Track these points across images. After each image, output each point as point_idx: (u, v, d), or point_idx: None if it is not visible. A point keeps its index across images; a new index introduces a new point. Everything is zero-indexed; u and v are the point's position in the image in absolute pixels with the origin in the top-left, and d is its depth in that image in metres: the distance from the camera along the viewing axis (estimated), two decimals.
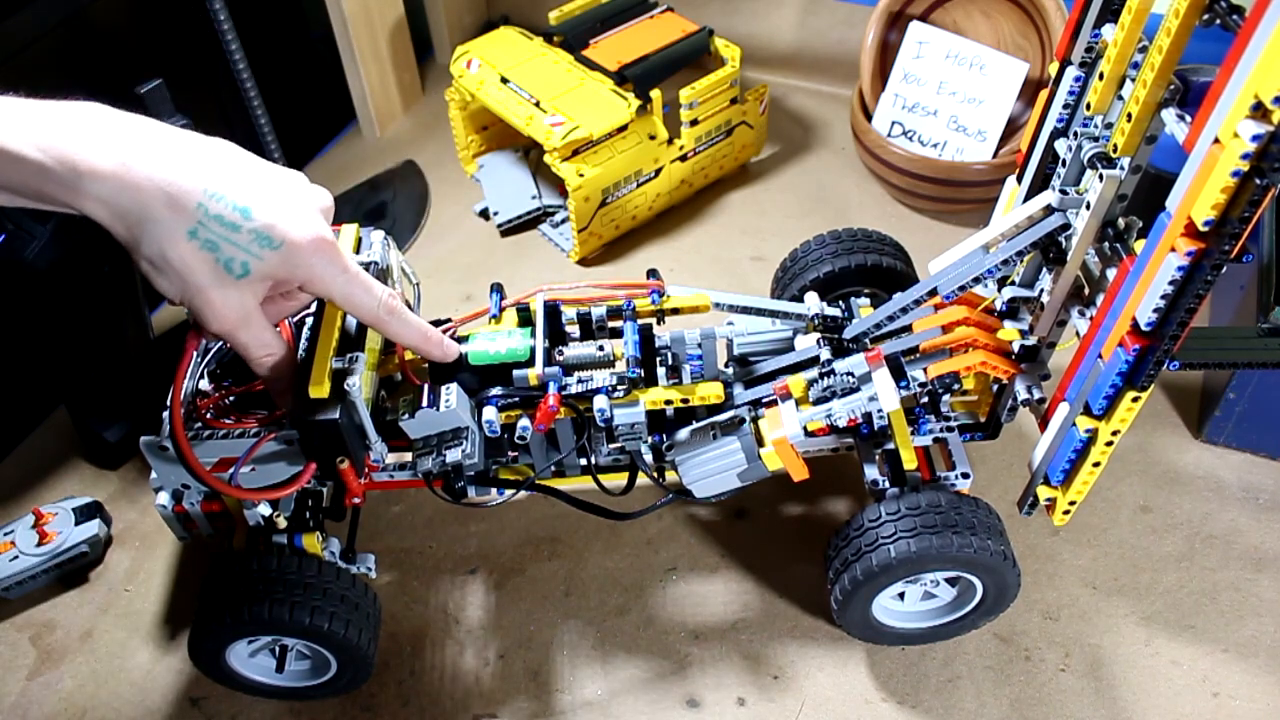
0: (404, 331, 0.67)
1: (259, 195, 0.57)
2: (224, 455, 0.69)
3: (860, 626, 0.81)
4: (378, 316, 0.64)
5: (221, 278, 0.57)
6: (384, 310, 0.64)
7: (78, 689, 0.85)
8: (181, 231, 0.54)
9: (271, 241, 0.57)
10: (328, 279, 0.60)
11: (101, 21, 1.15)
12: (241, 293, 0.58)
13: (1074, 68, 0.68)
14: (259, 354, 0.63)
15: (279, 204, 0.58)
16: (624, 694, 0.83)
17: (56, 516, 0.92)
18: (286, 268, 0.58)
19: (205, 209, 0.55)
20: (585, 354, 0.76)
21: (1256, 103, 0.47)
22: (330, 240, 0.60)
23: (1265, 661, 0.83)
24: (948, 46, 1.21)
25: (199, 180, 0.55)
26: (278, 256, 0.57)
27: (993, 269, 0.71)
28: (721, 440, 0.77)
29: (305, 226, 0.58)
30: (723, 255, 1.23)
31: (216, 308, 0.58)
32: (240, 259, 0.56)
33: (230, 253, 0.56)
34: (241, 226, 0.56)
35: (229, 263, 0.56)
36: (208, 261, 0.56)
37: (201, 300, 0.57)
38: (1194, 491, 0.95)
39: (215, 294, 0.57)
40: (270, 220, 0.57)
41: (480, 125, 1.33)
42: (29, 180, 0.52)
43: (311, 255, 0.59)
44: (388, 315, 0.65)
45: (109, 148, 0.53)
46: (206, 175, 0.55)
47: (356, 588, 0.77)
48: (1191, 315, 0.58)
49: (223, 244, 0.56)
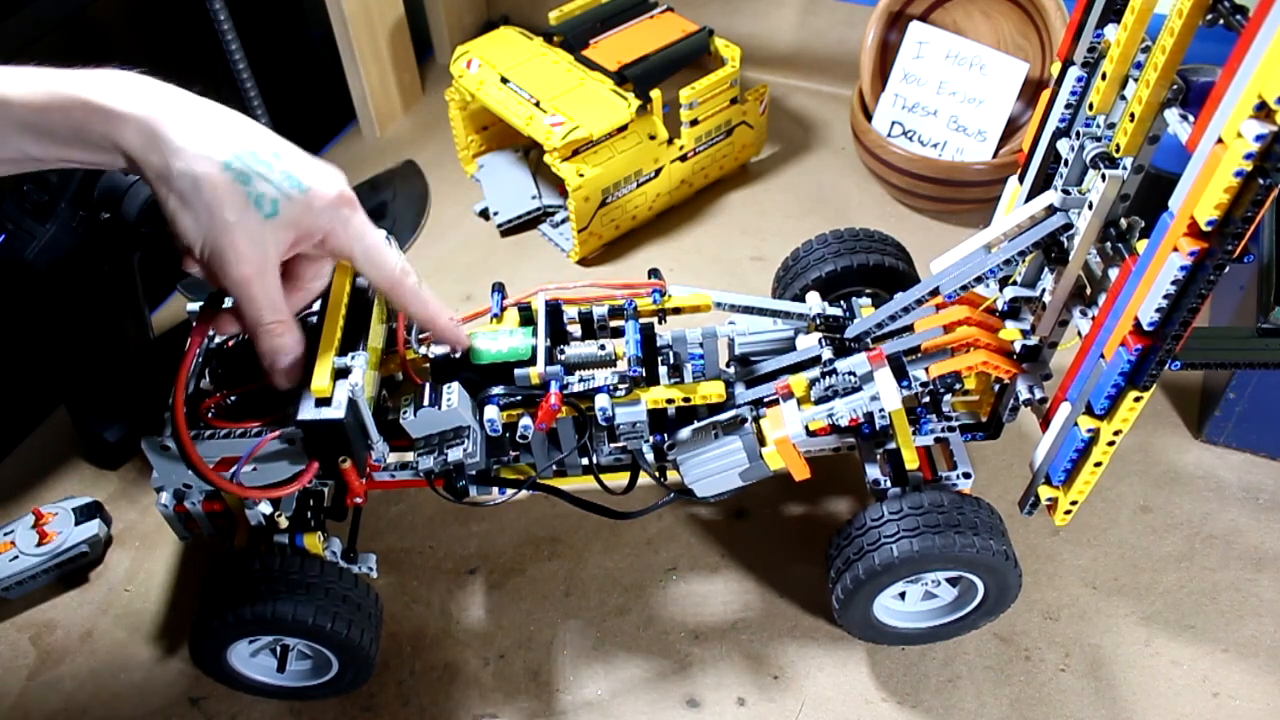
0: (418, 302, 0.68)
1: (287, 149, 0.59)
2: (226, 455, 0.68)
3: (861, 626, 0.81)
4: (395, 279, 0.65)
5: (250, 214, 0.57)
6: (401, 273, 0.65)
7: (78, 689, 0.85)
8: (217, 157, 0.55)
9: (301, 184, 0.58)
10: (350, 233, 0.62)
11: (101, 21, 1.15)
12: (266, 236, 0.58)
13: (1076, 68, 0.68)
14: (270, 317, 0.62)
15: (307, 161, 0.60)
16: (624, 694, 0.83)
17: (56, 516, 0.92)
18: (311, 216, 0.59)
19: (242, 144, 0.56)
20: (587, 353, 0.76)
21: (1260, 103, 0.47)
22: (354, 198, 0.61)
23: (1265, 661, 0.83)
24: (948, 46, 1.21)
25: (234, 127, 0.57)
26: (305, 201, 0.58)
27: (995, 269, 0.71)
28: (723, 439, 0.77)
29: (331, 182, 0.60)
30: (723, 255, 1.23)
31: (241, 248, 0.57)
32: (271, 196, 0.57)
33: (261, 188, 0.57)
34: (274, 165, 0.57)
35: (259, 199, 0.57)
36: (239, 193, 0.56)
37: (227, 239, 0.57)
38: (1194, 491, 0.95)
39: (241, 232, 0.57)
40: (299, 168, 0.58)
41: (480, 125, 1.33)
42: (71, 115, 0.54)
43: (337, 207, 0.60)
44: (404, 278, 0.65)
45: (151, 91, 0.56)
46: (240, 125, 0.58)
47: (358, 588, 0.77)
48: (1194, 315, 0.58)
49: (255, 178, 0.56)
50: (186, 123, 0.56)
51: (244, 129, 0.58)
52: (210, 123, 0.57)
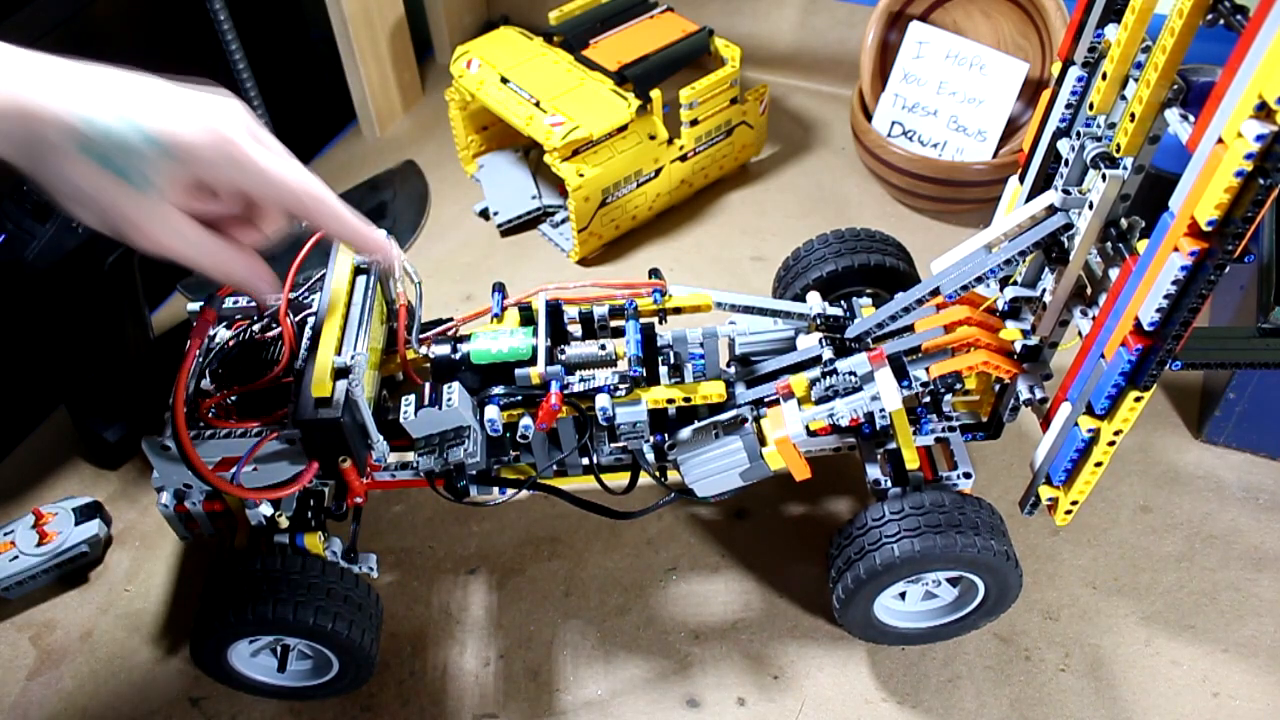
0: (332, 223, 0.63)
1: (146, 105, 0.55)
2: (226, 455, 0.68)
3: (861, 626, 0.81)
4: (302, 205, 0.60)
5: (128, 192, 0.54)
6: (308, 199, 0.60)
7: (78, 689, 0.85)
8: (73, 149, 0.53)
9: (162, 147, 0.54)
10: (235, 176, 0.57)
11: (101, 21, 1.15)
12: (157, 205, 0.55)
13: (1077, 68, 0.68)
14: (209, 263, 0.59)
15: (168, 110, 0.55)
16: (624, 694, 0.83)
17: (56, 516, 0.92)
18: (187, 170, 0.56)
19: (91, 123, 0.53)
20: (587, 353, 0.76)
21: (1260, 103, 0.47)
22: (227, 136, 0.56)
23: (1265, 661, 0.83)
24: (948, 46, 1.22)
25: (84, 98, 0.53)
26: (174, 162, 0.55)
27: (995, 269, 0.71)
28: (724, 439, 0.77)
29: (197, 125, 0.55)
30: (723, 255, 1.23)
31: (139, 224, 0.55)
32: (137, 168, 0.54)
33: (123, 162, 0.54)
34: (129, 137, 0.54)
35: (126, 173, 0.54)
36: (108, 177, 0.54)
37: (121, 220, 0.55)
38: (1194, 491, 0.95)
39: (131, 209, 0.55)
40: (159, 126, 0.54)
41: (480, 125, 1.33)
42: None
43: (209, 153, 0.56)
44: (313, 203, 0.61)
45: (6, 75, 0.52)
46: (91, 93, 0.53)
47: (359, 588, 0.77)
48: (1194, 315, 0.58)
49: (115, 156, 0.53)
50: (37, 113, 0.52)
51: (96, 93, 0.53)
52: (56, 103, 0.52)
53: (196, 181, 0.57)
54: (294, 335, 0.73)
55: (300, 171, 0.60)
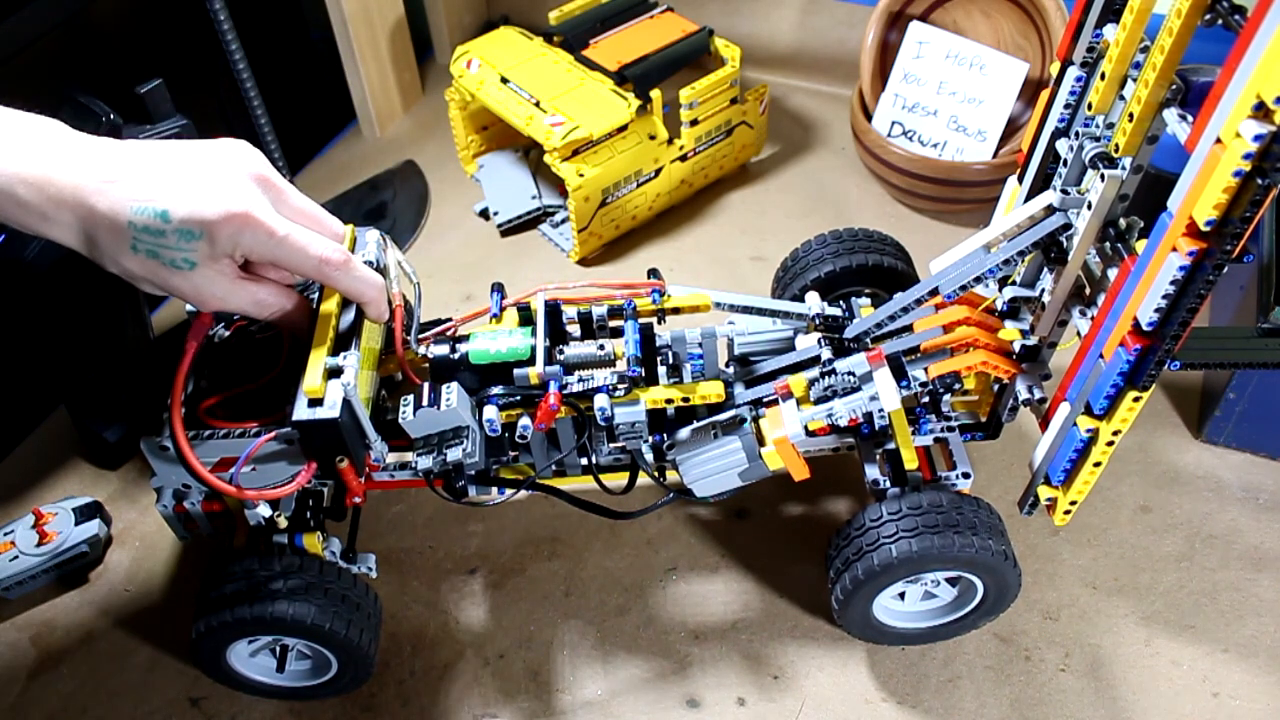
0: (352, 286, 0.69)
1: (173, 193, 0.60)
2: (224, 455, 0.69)
3: (861, 626, 0.81)
4: (320, 272, 0.66)
5: (177, 275, 0.62)
6: (324, 266, 0.66)
7: (78, 689, 0.85)
8: (125, 249, 0.60)
9: (193, 233, 0.60)
10: (257, 248, 0.63)
11: (101, 21, 1.15)
12: (204, 278, 0.63)
13: (1075, 68, 0.68)
14: (264, 314, 0.68)
15: (190, 193, 0.60)
16: (624, 694, 0.83)
17: (56, 516, 0.92)
18: (217, 250, 0.62)
19: (134, 224, 0.59)
20: (586, 353, 0.76)
21: (1258, 103, 0.47)
22: (242, 211, 0.61)
23: (1265, 661, 0.83)
24: (948, 46, 1.21)
25: (124, 198, 0.59)
26: (205, 244, 0.61)
27: (994, 269, 0.71)
28: (722, 439, 0.77)
29: (216, 205, 0.61)
30: (723, 255, 1.23)
31: (193, 295, 0.64)
32: (180, 257, 0.61)
33: (169, 255, 0.61)
34: (165, 231, 0.60)
35: (173, 262, 0.61)
36: (157, 267, 0.61)
37: (179, 292, 0.63)
38: (1194, 491, 0.95)
39: (185, 285, 0.63)
40: (185, 214, 0.60)
41: (480, 125, 1.33)
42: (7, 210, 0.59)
43: (229, 230, 0.61)
44: (331, 270, 0.66)
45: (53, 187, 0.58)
46: (128, 190, 0.59)
47: (357, 588, 0.77)
48: (1193, 315, 0.58)
49: (161, 250, 0.60)
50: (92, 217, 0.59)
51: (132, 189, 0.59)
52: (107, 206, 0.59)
53: (232, 257, 0.64)
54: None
55: (315, 240, 0.66)
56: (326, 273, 0.66)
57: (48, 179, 0.58)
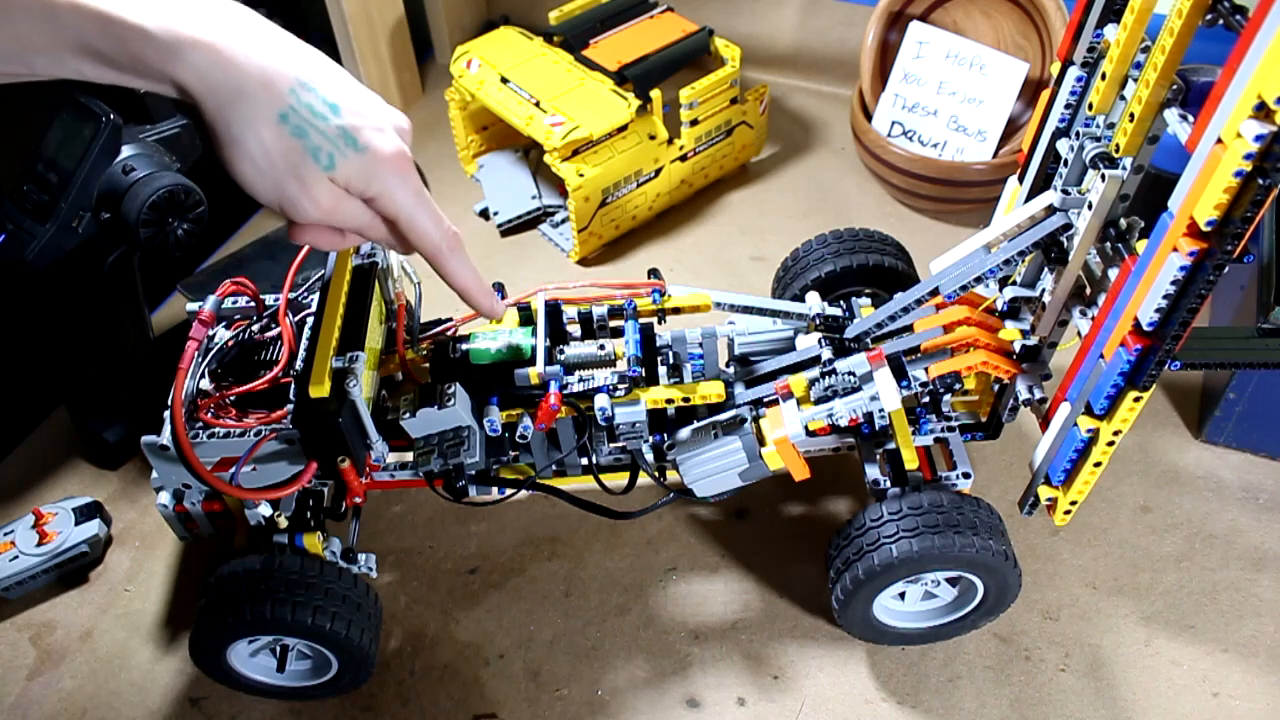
0: (460, 271, 0.66)
1: (347, 96, 0.57)
2: (225, 455, 0.69)
3: (861, 626, 0.81)
4: (439, 248, 0.63)
5: (309, 166, 0.56)
6: (446, 242, 0.63)
7: (78, 689, 0.85)
8: (273, 112, 0.54)
9: (356, 143, 0.57)
10: (400, 196, 0.60)
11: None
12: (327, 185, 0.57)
13: (1076, 68, 0.68)
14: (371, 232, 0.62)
15: (365, 111, 0.58)
16: (624, 694, 0.83)
17: (56, 516, 0.92)
18: (364, 175, 0.58)
19: (297, 95, 0.54)
20: (586, 353, 0.76)
21: (1259, 103, 0.47)
22: (408, 158, 0.59)
23: (1265, 661, 0.83)
24: (948, 46, 1.21)
25: (294, 67, 0.55)
26: (360, 160, 0.57)
27: (994, 269, 0.71)
28: (723, 439, 0.77)
29: (388, 139, 0.58)
30: (722, 255, 1.23)
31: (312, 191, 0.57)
32: (327, 150, 0.56)
33: (318, 141, 0.56)
34: (329, 119, 0.55)
35: (316, 152, 0.56)
36: (295, 148, 0.55)
37: (295, 189, 0.56)
38: (1194, 491, 0.95)
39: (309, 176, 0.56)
40: (357, 123, 0.57)
41: (480, 125, 1.33)
42: (129, 45, 0.51)
43: (390, 168, 0.58)
44: (449, 250, 0.63)
45: (212, 21, 0.53)
46: (301, 64, 0.55)
47: (358, 588, 0.77)
48: (1193, 315, 0.58)
49: (311, 132, 0.55)
50: (245, 63, 0.53)
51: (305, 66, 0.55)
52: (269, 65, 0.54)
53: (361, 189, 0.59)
54: (293, 335, 0.73)
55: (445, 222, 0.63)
56: (450, 248, 0.63)
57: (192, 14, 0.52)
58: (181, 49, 0.52)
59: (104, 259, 0.88)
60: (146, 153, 0.85)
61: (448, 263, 0.64)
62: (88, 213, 0.84)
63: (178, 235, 0.86)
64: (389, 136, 0.58)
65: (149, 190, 0.82)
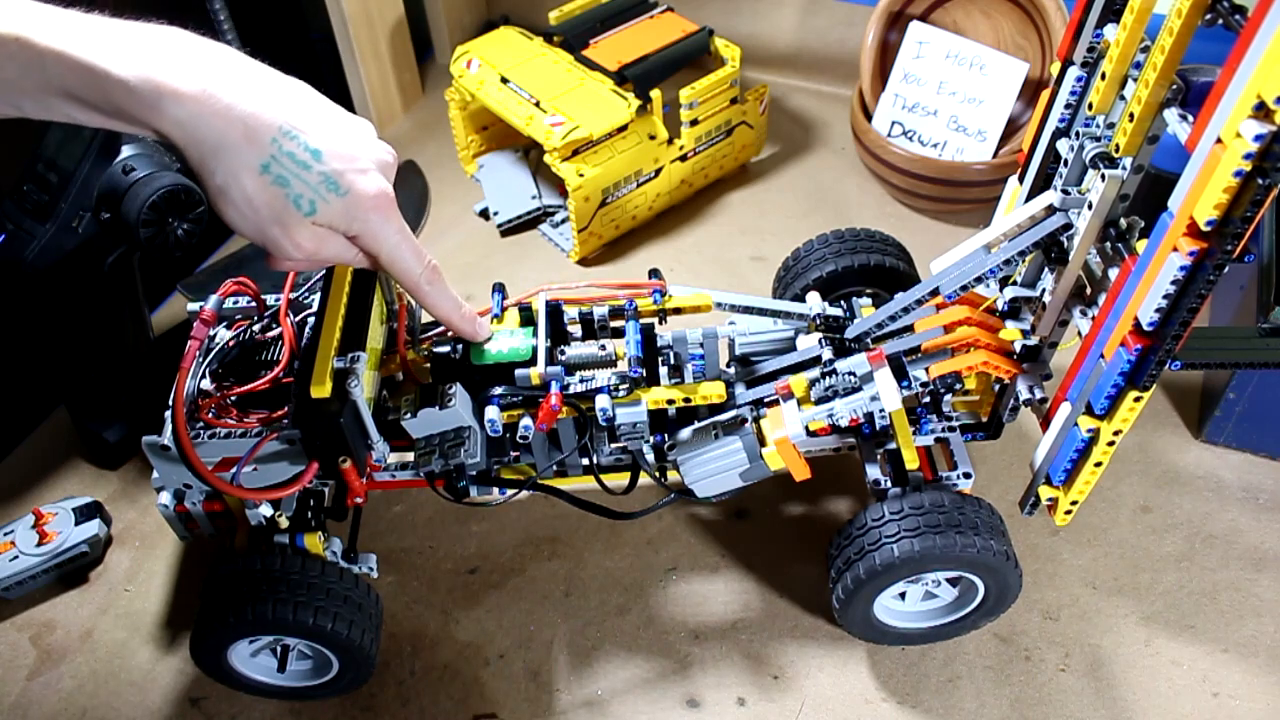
0: (441, 303, 0.68)
1: (330, 140, 0.58)
2: (226, 455, 0.69)
3: (861, 626, 0.81)
4: (418, 283, 0.65)
5: (291, 213, 0.57)
6: (426, 278, 0.65)
7: (78, 689, 0.85)
8: (255, 163, 0.55)
9: (339, 188, 0.58)
10: (381, 236, 0.62)
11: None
12: (305, 230, 0.59)
13: (1076, 68, 0.68)
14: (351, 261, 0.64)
15: (348, 152, 0.59)
16: (624, 694, 0.83)
17: (56, 516, 0.92)
18: (346, 218, 0.60)
19: (279, 145, 0.55)
20: (587, 353, 0.76)
21: (1259, 103, 0.47)
22: (390, 198, 0.61)
23: (1265, 661, 0.83)
24: (948, 46, 1.22)
25: (276, 115, 0.56)
26: (341, 204, 0.59)
27: (995, 269, 0.71)
28: (723, 440, 0.77)
29: (370, 180, 0.60)
30: (723, 255, 1.23)
31: (294, 239, 0.59)
32: (308, 198, 0.57)
33: (300, 189, 0.57)
34: (312, 167, 0.57)
35: (298, 200, 0.57)
36: (278, 196, 0.57)
37: (277, 233, 0.58)
38: (1194, 491, 0.95)
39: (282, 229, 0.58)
40: (339, 167, 0.58)
41: (480, 125, 1.33)
42: (112, 96, 0.52)
43: (372, 210, 0.60)
44: (428, 285, 0.66)
45: (193, 72, 0.53)
46: (284, 110, 0.56)
47: (359, 588, 0.77)
48: (1194, 315, 0.58)
49: (293, 180, 0.56)
50: (226, 115, 0.54)
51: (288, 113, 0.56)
52: (251, 115, 0.55)
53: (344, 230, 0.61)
54: (294, 335, 0.73)
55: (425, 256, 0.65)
56: (429, 281, 0.66)
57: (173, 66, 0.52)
58: (162, 102, 0.53)
59: (104, 259, 0.88)
60: (146, 153, 0.85)
61: (427, 296, 0.67)
62: (88, 213, 0.84)
63: (178, 235, 0.86)
64: (372, 178, 0.60)
65: (149, 190, 0.82)
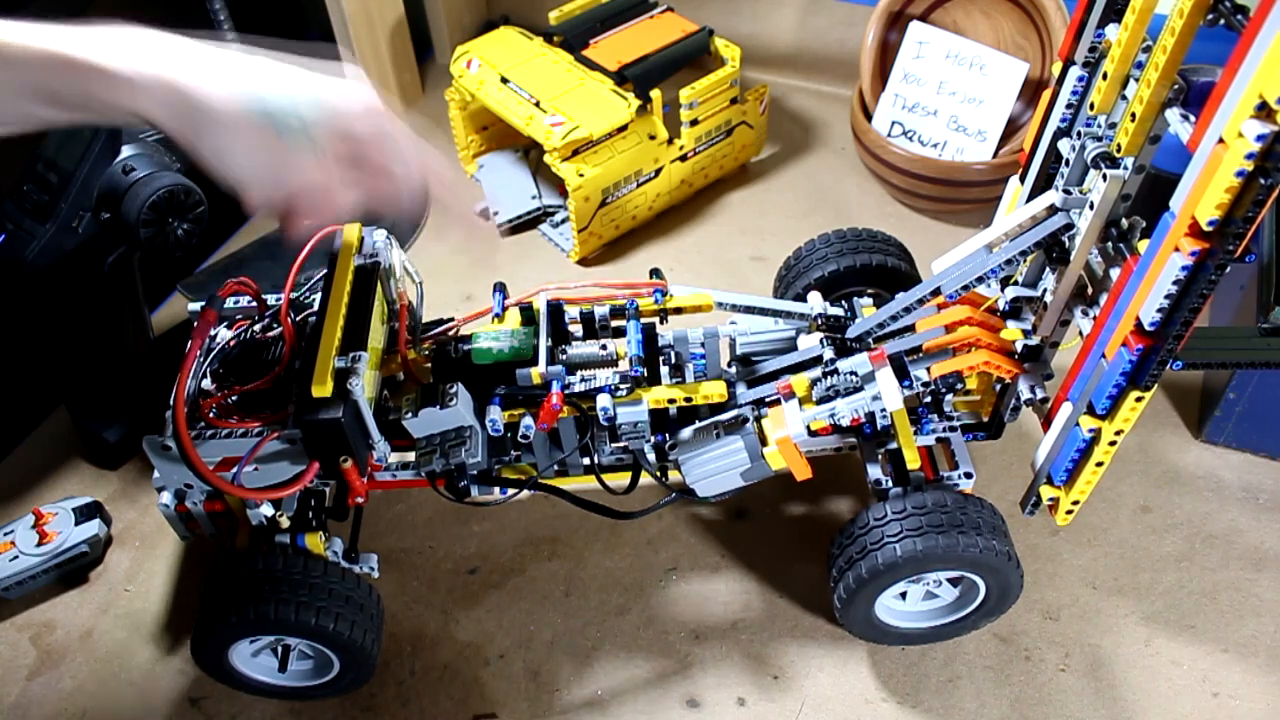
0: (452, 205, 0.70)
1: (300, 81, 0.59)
2: (227, 455, 0.68)
3: (863, 626, 0.81)
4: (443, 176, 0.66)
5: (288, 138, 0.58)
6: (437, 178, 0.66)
7: (78, 689, 0.85)
8: (240, 110, 0.56)
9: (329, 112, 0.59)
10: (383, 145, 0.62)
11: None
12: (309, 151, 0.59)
13: (1077, 68, 0.68)
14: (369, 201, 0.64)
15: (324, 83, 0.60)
16: (624, 694, 0.83)
17: (56, 516, 0.92)
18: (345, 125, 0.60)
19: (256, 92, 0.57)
20: (588, 353, 0.76)
21: (1261, 103, 0.47)
22: (378, 109, 0.61)
23: (1265, 661, 0.83)
24: (948, 46, 1.22)
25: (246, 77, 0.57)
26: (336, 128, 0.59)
27: (996, 269, 0.71)
28: (725, 439, 0.77)
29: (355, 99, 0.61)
30: (723, 255, 1.23)
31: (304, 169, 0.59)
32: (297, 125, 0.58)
33: (289, 121, 0.58)
34: (296, 98, 0.58)
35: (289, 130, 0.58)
36: (269, 131, 0.57)
37: (279, 160, 0.58)
38: (1194, 491, 0.95)
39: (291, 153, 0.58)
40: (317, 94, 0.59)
41: (480, 125, 1.33)
42: (87, 85, 0.53)
43: (364, 123, 0.61)
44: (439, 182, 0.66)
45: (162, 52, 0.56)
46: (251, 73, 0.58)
47: (360, 588, 0.77)
48: (1195, 315, 0.58)
49: (281, 114, 0.57)
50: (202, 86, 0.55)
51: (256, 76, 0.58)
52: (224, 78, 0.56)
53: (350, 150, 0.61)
54: (295, 335, 0.73)
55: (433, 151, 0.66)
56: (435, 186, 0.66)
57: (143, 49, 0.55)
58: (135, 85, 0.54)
59: (104, 259, 0.87)
60: (146, 153, 0.85)
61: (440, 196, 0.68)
62: (88, 213, 0.84)
63: (178, 235, 0.86)
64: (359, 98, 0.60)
65: (149, 190, 0.82)
